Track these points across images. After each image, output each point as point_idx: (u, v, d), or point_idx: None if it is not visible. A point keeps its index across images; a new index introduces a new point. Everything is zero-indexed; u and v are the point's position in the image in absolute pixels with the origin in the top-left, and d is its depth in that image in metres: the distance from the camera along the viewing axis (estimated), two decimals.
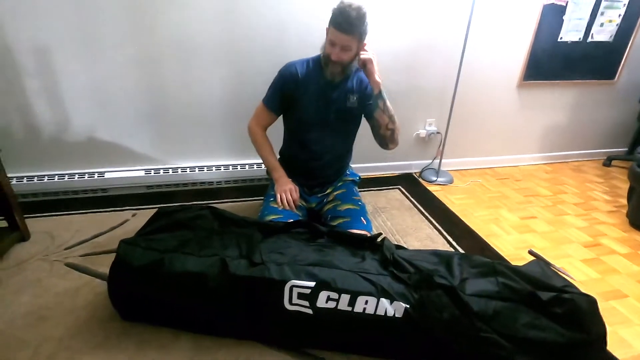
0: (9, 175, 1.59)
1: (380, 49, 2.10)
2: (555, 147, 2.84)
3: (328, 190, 1.68)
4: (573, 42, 2.41)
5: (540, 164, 2.83)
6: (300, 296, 1.08)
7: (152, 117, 1.97)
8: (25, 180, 1.90)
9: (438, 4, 2.08)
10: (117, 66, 1.82)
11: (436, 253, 1.29)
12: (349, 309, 1.07)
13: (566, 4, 2.28)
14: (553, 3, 2.26)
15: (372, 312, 1.07)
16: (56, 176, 1.95)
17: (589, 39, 2.43)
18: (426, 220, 1.94)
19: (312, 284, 1.08)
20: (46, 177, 1.93)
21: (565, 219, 2.06)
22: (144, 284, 1.14)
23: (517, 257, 1.70)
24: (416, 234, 1.82)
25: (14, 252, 1.54)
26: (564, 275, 1.52)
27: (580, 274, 1.60)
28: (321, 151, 1.59)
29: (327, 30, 1.37)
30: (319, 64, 1.48)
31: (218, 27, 1.85)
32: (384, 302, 1.06)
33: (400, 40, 2.12)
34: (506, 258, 1.66)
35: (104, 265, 1.47)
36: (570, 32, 2.37)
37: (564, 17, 2.32)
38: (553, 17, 2.30)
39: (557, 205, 2.21)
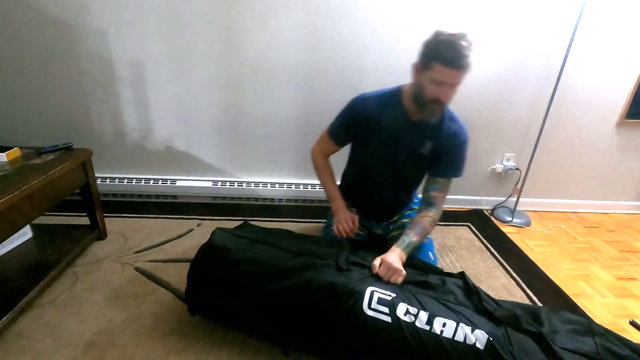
0: (95, 175, 1.72)
1: None
2: None
3: (395, 218, 1.57)
4: None
5: (638, 214, 2.46)
6: (381, 301, 1.04)
7: (226, 131, 2.03)
8: (108, 181, 2.05)
9: (532, 28, 1.91)
10: (201, 83, 1.91)
11: (518, 305, 1.17)
12: (427, 327, 0.99)
13: None
14: None
15: (450, 336, 0.97)
16: (134, 179, 2.07)
17: None
18: (501, 267, 1.74)
19: (394, 294, 1.05)
20: (126, 180, 2.07)
21: None
22: (230, 267, 1.14)
23: (615, 326, 1.44)
24: (489, 282, 1.63)
25: (92, 249, 1.63)
26: None
27: None
28: (383, 193, 1.46)
29: (422, 67, 1.16)
30: (397, 100, 1.30)
31: (298, 50, 1.87)
32: (465, 327, 0.98)
33: (485, 66, 1.97)
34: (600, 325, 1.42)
35: (169, 274, 1.51)
36: None
37: None
38: None
39: None
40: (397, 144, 1.33)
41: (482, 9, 1.85)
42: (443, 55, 1.09)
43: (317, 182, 2.14)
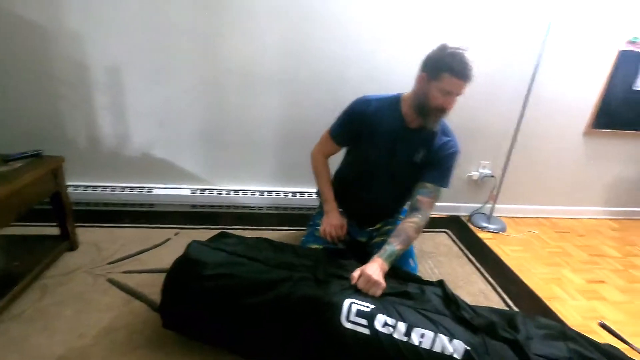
0: (67, 183, 1.65)
1: None
2: (623, 202, 2.58)
3: (378, 225, 1.59)
4: None
5: (606, 219, 2.58)
6: (359, 313, 1.03)
7: (206, 139, 2.01)
8: (80, 189, 1.98)
9: (504, 41, 1.99)
10: (181, 89, 1.88)
11: (495, 310, 1.20)
12: (405, 339, 0.99)
13: None
14: (630, 50, 2.11)
15: (428, 346, 0.98)
16: (109, 188, 2.01)
17: None
18: (478, 273, 1.78)
19: (373, 306, 1.05)
20: (100, 188, 2.00)
21: None
22: (206, 281, 1.10)
23: (586, 329, 1.49)
24: (467, 287, 1.67)
25: (61, 261, 1.56)
26: None
27: None
28: (374, 197, 1.49)
29: (430, 77, 1.22)
30: (396, 107, 1.35)
31: (279, 57, 1.88)
32: (442, 338, 0.99)
33: None
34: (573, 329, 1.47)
35: (144, 285, 1.46)
36: None
37: None
38: (629, 64, 2.14)
39: (629, 269, 1.96)
40: (393, 150, 1.37)
41: (456, 25, 1.92)
42: (452, 67, 1.17)
43: (298, 189, 2.17)
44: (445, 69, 1.18)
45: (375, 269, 1.14)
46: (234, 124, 1.99)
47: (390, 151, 1.37)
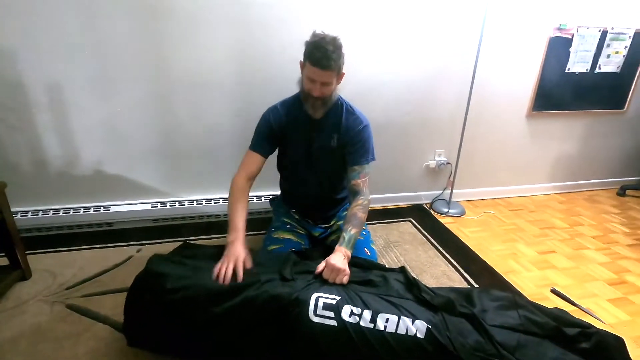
0: (13, 209, 1.56)
1: (391, 80, 2.12)
2: (567, 177, 2.79)
3: (332, 222, 1.65)
4: (580, 73, 2.42)
5: (553, 193, 2.77)
6: (326, 306, 1.06)
7: (161, 150, 1.96)
8: (29, 214, 1.87)
9: (447, 36, 2.10)
10: (128, 101, 1.82)
11: (453, 289, 1.27)
12: (371, 325, 1.03)
13: (572, 37, 2.31)
14: (559, 36, 2.28)
15: (392, 330, 1.03)
16: (61, 210, 1.91)
17: (597, 70, 2.44)
18: (441, 256, 1.87)
19: (338, 297, 1.08)
20: (51, 212, 1.90)
21: (585, 253, 1.97)
22: (170, 294, 1.08)
23: (540, 296, 1.61)
24: (431, 270, 1.74)
25: (13, 292, 1.47)
26: (592, 318, 1.45)
27: (608, 315, 1.51)
28: (311, 189, 1.56)
29: (302, 64, 1.30)
30: (299, 104, 1.40)
31: (229, 63, 1.87)
32: (405, 320, 1.04)
33: (410, 71, 2.13)
34: (528, 298, 1.58)
35: (107, 307, 1.41)
36: (578, 63, 2.39)
37: (570, 49, 2.33)
38: (560, 49, 2.32)
39: (575, 238, 2.13)
40: (309, 143, 1.46)
41: (405, 26, 2.02)
42: (311, 56, 1.22)
43: (261, 193, 2.17)
44: (307, 57, 1.24)
45: (338, 258, 1.18)
46: (188, 132, 1.95)
47: (307, 145, 1.46)
